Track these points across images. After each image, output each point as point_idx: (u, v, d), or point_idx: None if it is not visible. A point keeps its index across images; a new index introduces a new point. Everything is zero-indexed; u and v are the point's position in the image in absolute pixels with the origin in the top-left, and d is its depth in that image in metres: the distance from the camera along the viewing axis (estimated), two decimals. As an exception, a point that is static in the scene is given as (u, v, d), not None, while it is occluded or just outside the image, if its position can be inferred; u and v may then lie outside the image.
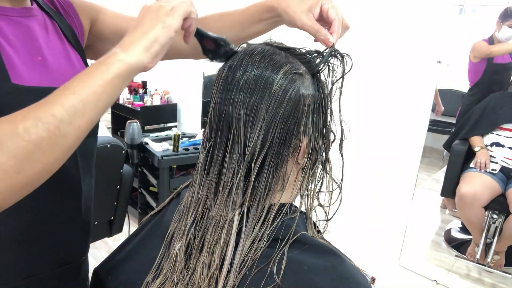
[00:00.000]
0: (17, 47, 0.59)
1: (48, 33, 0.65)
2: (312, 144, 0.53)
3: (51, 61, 0.63)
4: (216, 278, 0.47)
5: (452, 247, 1.87)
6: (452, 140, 1.83)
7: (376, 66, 1.72)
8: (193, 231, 0.51)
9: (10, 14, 0.59)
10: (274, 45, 0.54)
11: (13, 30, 0.59)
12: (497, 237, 1.72)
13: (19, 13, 0.60)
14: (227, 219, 0.48)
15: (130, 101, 3.06)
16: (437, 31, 1.53)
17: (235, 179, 0.48)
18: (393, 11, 1.65)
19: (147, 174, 2.49)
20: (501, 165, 1.70)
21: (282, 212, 0.50)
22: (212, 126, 0.52)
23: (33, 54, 0.61)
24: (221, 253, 0.47)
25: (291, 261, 0.46)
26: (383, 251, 1.85)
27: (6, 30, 0.58)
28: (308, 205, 0.54)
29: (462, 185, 1.72)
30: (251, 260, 0.46)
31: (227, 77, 0.50)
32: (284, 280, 0.44)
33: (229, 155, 0.49)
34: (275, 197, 0.51)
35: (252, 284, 0.45)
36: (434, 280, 1.71)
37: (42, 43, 0.63)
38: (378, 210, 1.83)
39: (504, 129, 1.70)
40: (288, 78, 0.49)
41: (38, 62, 0.61)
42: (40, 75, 0.60)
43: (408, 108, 1.66)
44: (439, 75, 1.58)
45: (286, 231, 0.48)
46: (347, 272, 0.47)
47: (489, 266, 1.70)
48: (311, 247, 0.48)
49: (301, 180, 0.54)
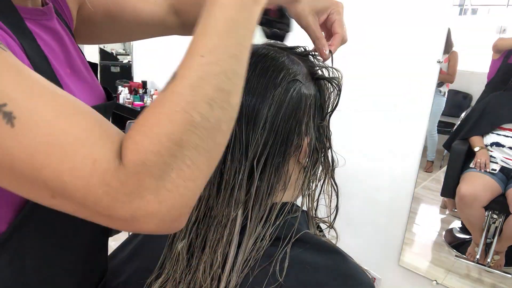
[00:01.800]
0: (61, 60, 0.51)
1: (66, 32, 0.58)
2: (314, 144, 0.53)
3: (78, 68, 0.56)
4: (219, 276, 0.47)
5: (452, 247, 1.87)
6: (452, 140, 1.83)
7: (376, 66, 1.72)
8: (195, 230, 0.51)
9: (40, 18, 0.50)
10: (275, 46, 0.54)
11: (51, 39, 0.51)
12: (497, 237, 1.72)
13: (45, 14, 0.51)
14: (229, 217, 0.48)
15: (130, 101, 3.06)
16: (437, 31, 1.54)
17: (237, 178, 0.49)
18: (393, 11, 1.65)
19: (147, 174, 2.48)
20: (501, 165, 1.70)
21: (284, 211, 0.50)
22: None
23: (71, 65, 0.54)
24: (224, 251, 0.47)
25: (293, 260, 0.46)
26: (383, 251, 1.85)
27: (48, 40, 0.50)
28: (310, 204, 0.55)
29: (462, 185, 1.72)
30: (253, 259, 0.46)
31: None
32: (287, 279, 0.45)
33: (231, 154, 0.49)
34: (277, 196, 0.51)
35: (254, 283, 0.45)
36: (434, 280, 1.72)
37: (71, 49, 0.55)
38: (378, 210, 1.83)
39: (504, 129, 1.70)
40: (289, 78, 0.50)
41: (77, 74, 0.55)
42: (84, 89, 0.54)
43: (408, 108, 1.66)
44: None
45: (288, 230, 0.49)
46: (350, 271, 0.47)
47: (489, 266, 1.70)
48: (314, 246, 0.49)
49: (303, 179, 0.54)
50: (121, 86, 3.25)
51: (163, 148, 0.31)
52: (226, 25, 0.37)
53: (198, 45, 0.36)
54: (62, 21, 0.57)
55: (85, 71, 0.58)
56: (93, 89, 0.58)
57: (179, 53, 0.36)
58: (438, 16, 1.53)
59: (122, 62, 4.18)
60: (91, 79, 0.59)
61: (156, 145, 0.31)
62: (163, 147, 0.31)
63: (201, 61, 0.35)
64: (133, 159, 0.30)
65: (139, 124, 0.33)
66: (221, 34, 0.36)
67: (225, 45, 0.36)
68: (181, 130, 0.32)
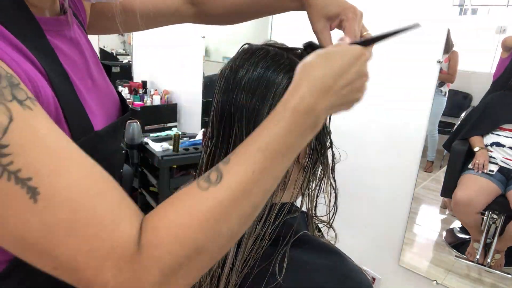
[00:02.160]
0: (82, 73, 0.50)
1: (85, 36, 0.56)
2: (313, 144, 0.53)
3: (96, 77, 0.54)
4: (218, 276, 0.47)
5: (452, 247, 1.87)
6: (452, 140, 1.82)
7: (376, 66, 1.72)
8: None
9: (60, 28, 0.48)
10: (275, 46, 0.54)
11: (72, 50, 0.49)
12: (497, 237, 1.72)
13: (65, 24, 0.49)
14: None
15: (130, 101, 3.06)
16: (437, 31, 1.54)
17: None
18: (393, 11, 1.65)
19: (147, 174, 2.48)
20: (500, 166, 1.70)
21: (284, 211, 0.50)
22: (214, 126, 0.52)
23: (91, 75, 0.52)
24: (223, 252, 0.47)
25: (292, 260, 0.46)
26: (383, 251, 1.85)
27: (69, 53, 0.48)
28: (309, 204, 0.55)
29: (458, 190, 1.72)
30: (253, 259, 0.47)
31: (229, 77, 0.51)
32: (286, 279, 0.45)
33: None
34: (277, 196, 0.51)
35: (254, 283, 0.45)
36: (434, 280, 1.72)
37: (89, 57, 0.53)
38: (378, 210, 1.83)
39: (504, 129, 1.70)
40: (289, 78, 0.50)
41: (95, 85, 0.53)
42: (102, 102, 0.53)
43: (408, 108, 1.66)
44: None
45: (287, 230, 0.49)
46: (348, 271, 0.47)
47: (489, 266, 1.70)
48: (313, 246, 0.49)
49: (302, 179, 0.55)
50: (121, 86, 3.25)
51: (182, 252, 0.31)
52: (284, 149, 0.37)
53: (250, 159, 0.35)
54: (79, 23, 0.56)
55: (101, 78, 0.57)
56: (109, 98, 0.57)
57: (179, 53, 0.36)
58: (438, 16, 1.53)
59: (122, 62, 4.19)
60: (106, 86, 0.58)
61: (178, 248, 0.31)
62: (184, 251, 0.31)
63: (251, 177, 0.34)
64: (150, 254, 0.31)
65: (166, 214, 0.32)
66: (277, 157, 0.36)
67: (276, 168, 0.37)
68: (206, 239, 0.32)
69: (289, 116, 0.37)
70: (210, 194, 0.33)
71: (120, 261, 0.30)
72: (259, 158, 0.35)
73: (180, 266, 0.31)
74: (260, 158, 0.36)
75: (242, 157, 0.36)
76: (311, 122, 0.38)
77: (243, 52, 0.53)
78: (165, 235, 0.31)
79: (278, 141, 0.36)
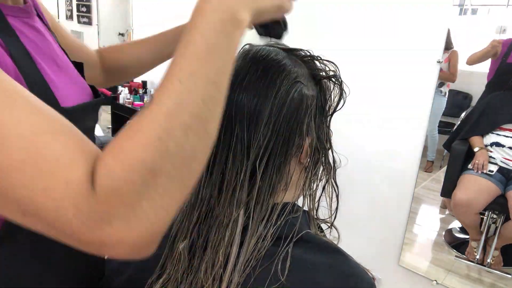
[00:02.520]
0: (46, 57, 0.50)
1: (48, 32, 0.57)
2: (315, 144, 0.53)
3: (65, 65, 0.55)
4: (220, 276, 0.47)
5: (452, 247, 1.87)
6: (452, 140, 1.83)
7: (376, 66, 1.72)
8: (196, 230, 0.51)
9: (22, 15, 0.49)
10: (276, 46, 0.54)
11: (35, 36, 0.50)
12: (496, 237, 1.73)
13: (26, 12, 0.50)
14: (231, 218, 0.48)
15: (130, 101, 3.06)
16: (437, 31, 1.54)
17: (238, 178, 0.49)
18: (393, 11, 1.65)
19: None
20: (499, 166, 1.70)
21: (286, 211, 0.50)
22: None
23: (57, 62, 0.53)
24: (225, 251, 0.48)
25: (295, 260, 0.46)
26: (383, 251, 1.85)
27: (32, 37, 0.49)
28: (311, 205, 0.55)
29: (457, 191, 1.72)
30: (255, 259, 0.47)
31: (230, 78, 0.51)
32: (289, 279, 0.45)
33: (233, 154, 0.49)
34: (278, 197, 0.51)
35: (256, 283, 0.45)
36: (434, 280, 1.72)
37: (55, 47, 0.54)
38: (378, 210, 1.83)
39: (504, 129, 1.70)
40: (290, 78, 0.50)
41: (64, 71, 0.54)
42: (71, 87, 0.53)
43: (408, 108, 1.66)
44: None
45: (289, 229, 0.49)
46: (351, 270, 0.47)
47: (489, 266, 1.70)
48: (315, 246, 0.49)
49: (304, 179, 0.55)
50: (121, 86, 3.25)
51: (135, 177, 0.30)
52: (206, 50, 0.36)
53: (177, 70, 0.35)
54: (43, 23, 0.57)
55: (70, 69, 0.57)
56: (80, 86, 0.57)
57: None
58: (438, 16, 1.53)
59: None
60: (78, 76, 0.58)
61: (129, 173, 0.30)
62: (136, 175, 0.30)
63: (179, 87, 0.34)
64: (104, 185, 0.29)
65: (113, 147, 0.32)
66: (200, 59, 0.35)
67: (204, 71, 0.35)
68: (155, 159, 0.31)
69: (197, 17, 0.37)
70: (146, 116, 0.33)
71: (77, 198, 0.29)
72: (182, 65, 0.35)
73: (139, 193, 0.30)
74: (184, 64, 0.35)
75: (168, 72, 0.35)
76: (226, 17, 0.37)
77: (244, 53, 0.53)
78: (113, 164, 0.30)
79: (195, 42, 0.36)
